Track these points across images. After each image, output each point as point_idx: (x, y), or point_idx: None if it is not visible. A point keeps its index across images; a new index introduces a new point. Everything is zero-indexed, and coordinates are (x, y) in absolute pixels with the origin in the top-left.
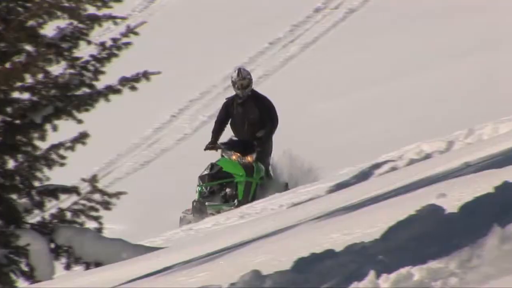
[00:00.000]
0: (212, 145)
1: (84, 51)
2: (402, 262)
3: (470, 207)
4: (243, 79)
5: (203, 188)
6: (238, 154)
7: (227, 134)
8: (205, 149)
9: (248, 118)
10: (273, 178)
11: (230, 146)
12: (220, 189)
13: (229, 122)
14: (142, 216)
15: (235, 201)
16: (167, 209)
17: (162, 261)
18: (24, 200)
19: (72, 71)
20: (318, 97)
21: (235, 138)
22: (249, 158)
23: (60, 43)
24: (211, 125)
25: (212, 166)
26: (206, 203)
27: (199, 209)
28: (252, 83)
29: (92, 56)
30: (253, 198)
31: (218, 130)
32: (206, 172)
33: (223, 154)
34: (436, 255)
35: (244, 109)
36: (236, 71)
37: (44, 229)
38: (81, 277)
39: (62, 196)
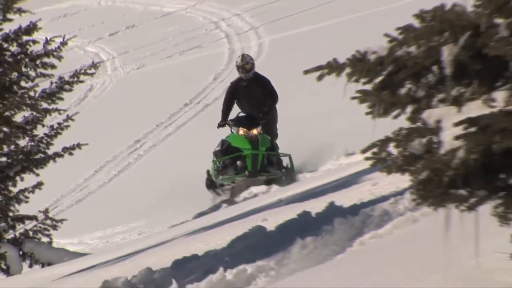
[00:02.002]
0: (223, 123)
1: (40, 131)
2: (240, 262)
3: (282, 227)
4: (246, 63)
5: (217, 163)
6: (245, 129)
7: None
8: (217, 127)
9: (253, 97)
10: (278, 148)
11: (237, 122)
12: (232, 163)
13: (235, 102)
14: (78, 234)
15: (246, 172)
16: (95, 228)
17: (89, 262)
18: (2, 224)
19: (32, 143)
20: None
21: (242, 115)
22: (254, 131)
23: (25, 126)
24: (122, 177)
25: (223, 142)
26: (220, 177)
27: (209, 186)
28: (254, 67)
29: (45, 134)
30: (262, 167)
31: (226, 110)
32: (218, 149)
33: (232, 130)
34: (261, 257)
35: (249, 90)
36: (240, 57)
37: (16, 242)
38: (40, 272)
39: (27, 221)
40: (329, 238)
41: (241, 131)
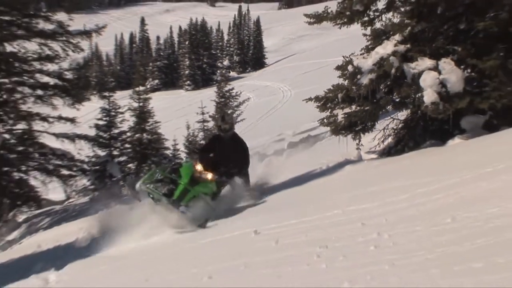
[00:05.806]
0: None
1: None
2: None
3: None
4: (226, 123)
5: (156, 173)
6: (201, 168)
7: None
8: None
9: (228, 154)
10: (212, 204)
11: (201, 159)
12: (168, 183)
13: (212, 151)
14: None
15: (171, 198)
16: None
17: None
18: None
19: None
20: None
21: (213, 157)
22: (208, 176)
23: None
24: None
25: (179, 163)
26: (152, 185)
27: (129, 186)
28: (233, 127)
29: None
30: (189, 204)
31: (202, 154)
32: (171, 164)
33: (195, 160)
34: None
35: (226, 147)
36: (220, 118)
37: None
38: None
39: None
40: (297, 148)
41: (199, 167)
